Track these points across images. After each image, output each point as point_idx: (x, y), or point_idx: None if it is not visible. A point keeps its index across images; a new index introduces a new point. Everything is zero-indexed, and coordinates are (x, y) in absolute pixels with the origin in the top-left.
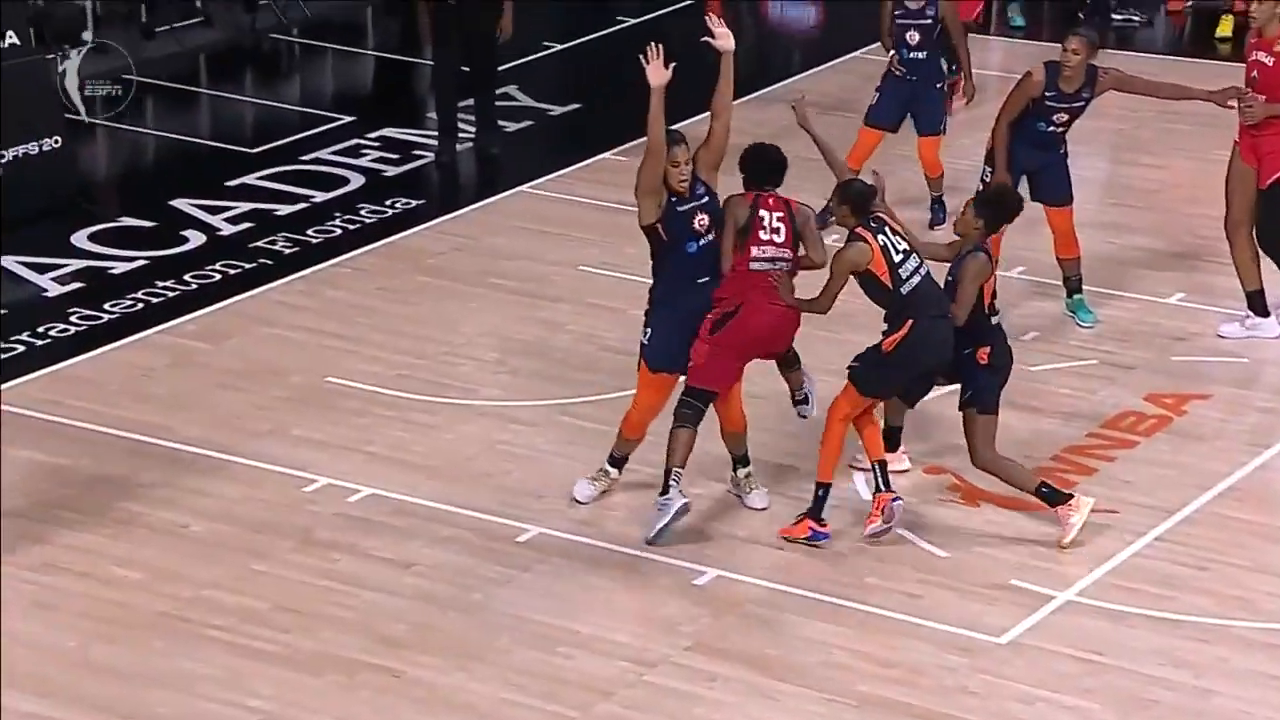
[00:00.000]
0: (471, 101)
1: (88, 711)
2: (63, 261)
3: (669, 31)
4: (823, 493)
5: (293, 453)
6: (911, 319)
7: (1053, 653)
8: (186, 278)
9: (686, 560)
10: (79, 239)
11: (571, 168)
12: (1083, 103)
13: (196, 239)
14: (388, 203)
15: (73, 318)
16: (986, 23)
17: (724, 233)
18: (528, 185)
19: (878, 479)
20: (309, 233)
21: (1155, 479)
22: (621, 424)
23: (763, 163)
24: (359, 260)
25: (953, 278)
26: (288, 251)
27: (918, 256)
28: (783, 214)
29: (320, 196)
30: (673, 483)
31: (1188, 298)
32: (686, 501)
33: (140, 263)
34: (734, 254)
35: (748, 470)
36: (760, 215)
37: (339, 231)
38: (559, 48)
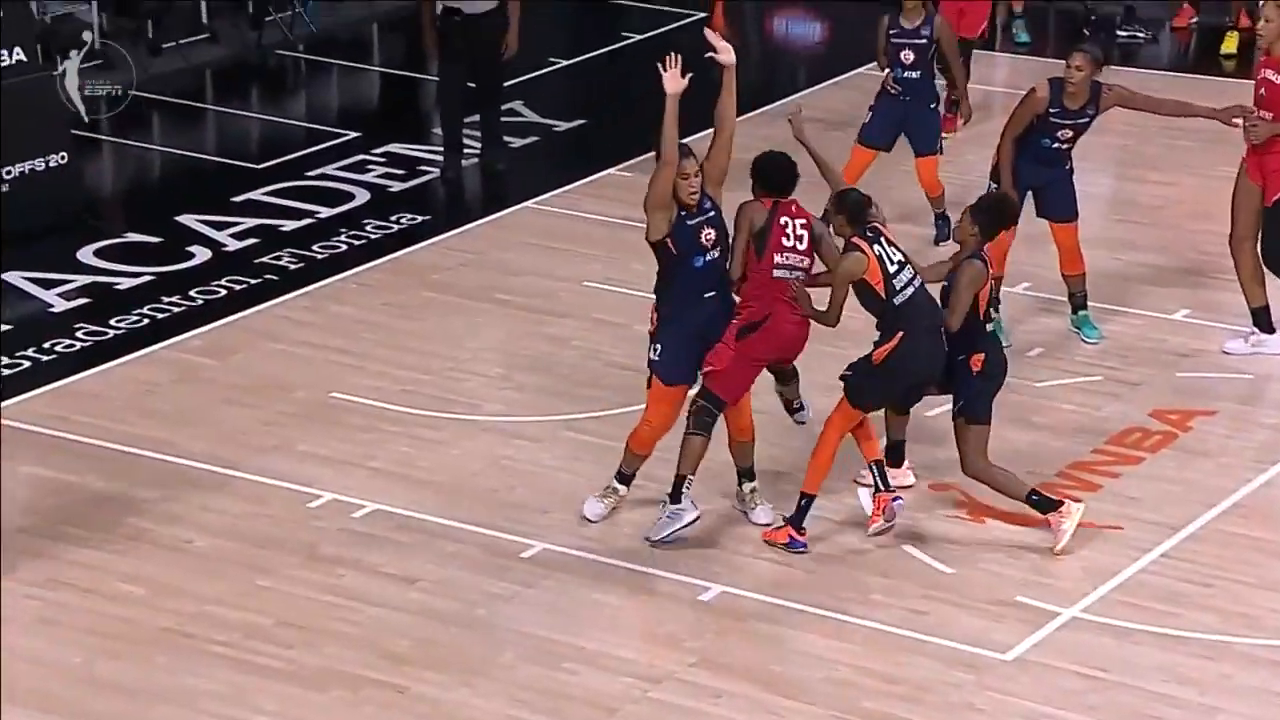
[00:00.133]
0: (477, 117)
1: None
2: (68, 277)
3: (674, 48)
4: (805, 502)
5: (298, 468)
6: (903, 331)
7: (1058, 669)
8: (192, 293)
9: (691, 576)
10: (85, 254)
11: (577, 183)
12: (1087, 119)
13: (202, 254)
14: (393, 218)
15: (78, 333)
16: (991, 39)
17: (736, 238)
18: (533, 201)
19: (877, 479)
20: (314, 248)
21: (1160, 495)
22: (629, 440)
23: (778, 170)
24: (364, 276)
25: (948, 283)
26: (293, 267)
27: (912, 268)
28: (805, 222)
29: (326, 212)
30: (685, 491)
31: (1193, 314)
32: (699, 514)
33: (146, 278)
34: (752, 261)
35: (753, 485)
36: (783, 222)
37: (344, 247)
38: (564, 64)
